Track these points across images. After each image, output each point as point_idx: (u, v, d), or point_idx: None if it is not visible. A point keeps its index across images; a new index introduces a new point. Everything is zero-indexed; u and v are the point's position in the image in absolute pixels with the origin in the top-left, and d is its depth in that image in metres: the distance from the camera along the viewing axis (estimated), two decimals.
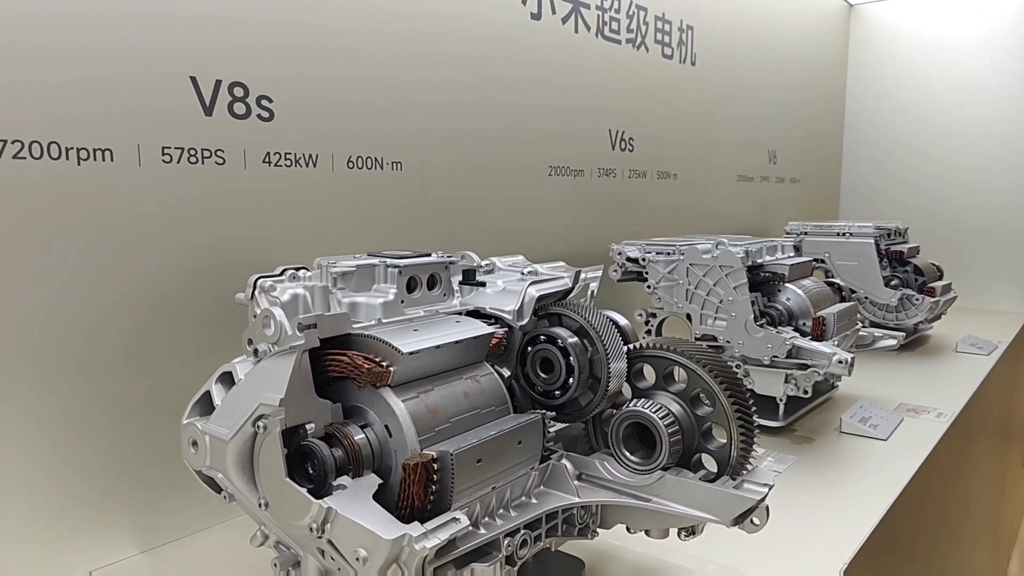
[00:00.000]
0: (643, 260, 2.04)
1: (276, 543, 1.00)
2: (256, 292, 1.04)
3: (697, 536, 1.13)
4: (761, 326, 1.88)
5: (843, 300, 2.20)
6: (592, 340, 1.15)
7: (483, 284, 1.23)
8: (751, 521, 1.04)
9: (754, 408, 1.11)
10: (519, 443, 1.03)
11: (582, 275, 1.27)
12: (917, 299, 2.87)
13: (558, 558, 1.20)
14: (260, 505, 0.94)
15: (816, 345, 1.82)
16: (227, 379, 1.00)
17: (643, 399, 1.12)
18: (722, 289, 1.92)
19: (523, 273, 1.27)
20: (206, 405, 1.00)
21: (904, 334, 2.36)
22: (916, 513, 1.72)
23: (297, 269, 1.10)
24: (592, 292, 1.32)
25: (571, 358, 1.13)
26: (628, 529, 1.15)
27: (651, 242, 2.07)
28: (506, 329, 1.17)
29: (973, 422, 2.34)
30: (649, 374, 1.19)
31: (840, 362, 1.77)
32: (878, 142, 4.40)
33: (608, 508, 1.14)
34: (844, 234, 2.93)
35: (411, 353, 0.96)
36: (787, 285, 1.99)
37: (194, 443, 0.99)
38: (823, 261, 2.91)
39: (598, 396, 1.14)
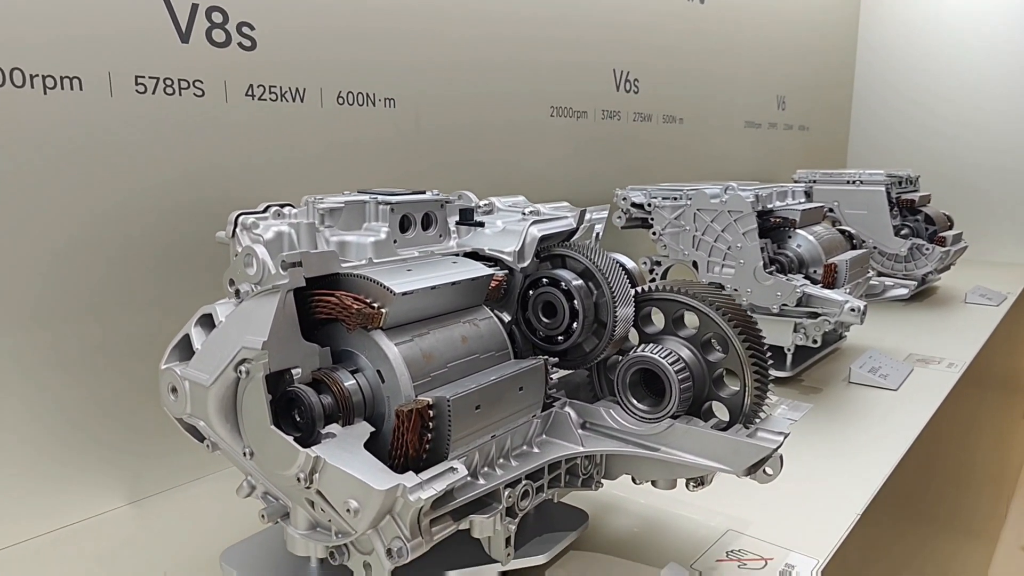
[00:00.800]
0: (648, 206, 1.96)
1: (264, 494, 0.95)
2: (237, 230, 0.97)
3: (706, 487, 1.08)
4: (770, 273, 1.81)
5: (854, 248, 2.13)
6: (598, 283, 1.08)
7: (481, 224, 1.15)
8: (764, 471, 0.99)
9: (769, 354, 1.05)
10: (520, 389, 0.97)
11: (587, 215, 1.20)
12: (927, 249, 2.79)
13: (560, 510, 1.16)
14: (245, 454, 0.89)
15: (827, 293, 1.76)
16: (207, 322, 0.93)
17: (651, 344, 1.06)
18: (730, 235, 1.85)
19: (524, 213, 1.20)
20: (186, 349, 0.94)
21: (915, 284, 2.29)
22: (927, 463, 1.68)
23: (282, 206, 1.02)
24: (597, 234, 1.25)
25: (575, 302, 1.06)
26: (633, 480, 1.10)
27: (657, 187, 1.99)
28: (506, 271, 1.10)
29: (982, 373, 2.30)
30: (657, 319, 1.13)
31: (852, 310, 1.70)
32: (889, 89, 4.27)
33: (613, 458, 1.09)
34: (854, 182, 2.84)
35: (404, 294, 0.89)
36: (798, 231, 1.92)
37: (173, 389, 0.93)
38: (831, 211, 2.82)
39: (603, 342, 1.08)
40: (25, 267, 1.14)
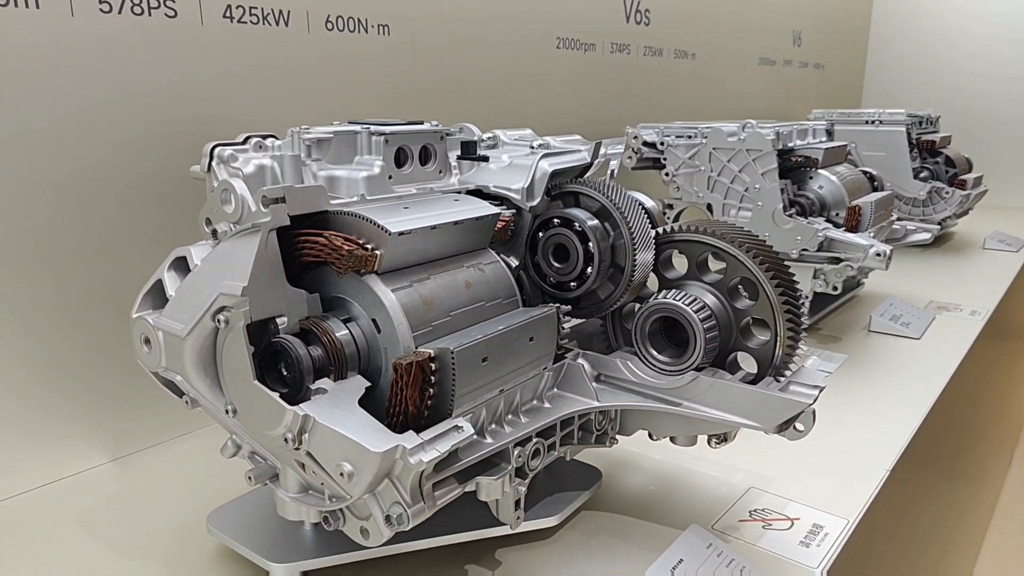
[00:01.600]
0: (661, 144, 1.84)
1: (250, 453, 0.87)
2: (214, 163, 0.87)
3: (729, 443, 1.00)
4: (790, 216, 1.70)
5: (875, 190, 2.02)
6: (615, 223, 0.98)
7: (486, 159, 1.05)
8: (795, 427, 0.91)
9: (803, 300, 0.96)
10: (530, 340, 0.88)
11: (602, 148, 1.09)
12: (947, 192, 2.68)
13: (572, 468, 1.08)
14: (227, 412, 0.80)
15: (851, 237, 1.66)
16: (181, 265, 0.84)
17: (673, 290, 0.96)
18: (748, 176, 1.74)
19: (532, 147, 1.09)
20: (159, 296, 0.85)
21: (938, 228, 2.19)
22: (951, 415, 1.61)
23: (264, 137, 0.91)
24: (613, 170, 1.14)
25: (590, 244, 0.96)
26: (650, 436, 1.02)
27: (670, 125, 1.87)
28: (513, 211, 1.00)
29: (1002, 321, 2.22)
30: (679, 263, 1.03)
31: (878, 255, 1.61)
32: (907, 23, 4.08)
33: (629, 413, 1.01)
34: (873, 122, 2.71)
35: (401, 234, 0.79)
36: (820, 171, 1.80)
37: (146, 340, 0.84)
38: (849, 153, 2.70)
39: (620, 288, 0.99)
40: None
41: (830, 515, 1.03)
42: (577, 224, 0.97)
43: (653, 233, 1.00)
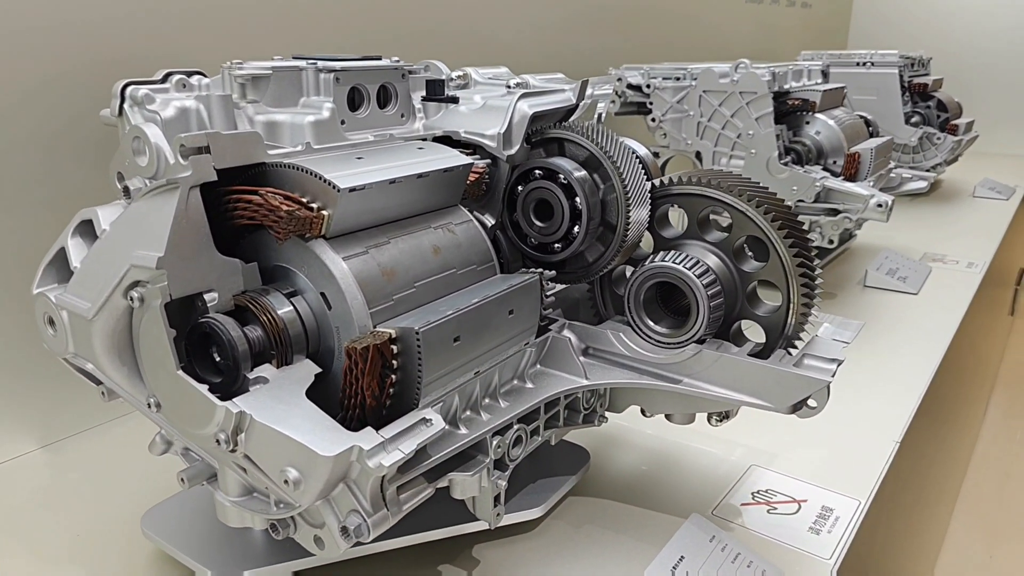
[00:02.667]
0: (648, 87, 1.70)
1: (184, 450, 0.74)
2: (125, 105, 0.72)
3: (731, 420, 0.90)
4: (786, 164, 1.59)
5: (872, 135, 1.90)
6: (606, 175, 0.85)
7: (455, 100, 0.91)
8: (807, 404, 0.80)
9: (818, 261, 0.84)
10: (510, 313, 0.76)
11: (588, 88, 0.95)
12: (939, 138, 2.58)
13: (556, 449, 0.97)
14: (150, 406, 0.67)
15: (850, 186, 1.55)
16: (88, 230, 0.69)
17: (672, 252, 0.84)
18: (741, 121, 1.61)
19: (509, 86, 0.95)
20: (63, 268, 0.71)
21: (934, 176, 2.10)
22: (953, 373, 1.53)
23: (189, 74, 0.76)
24: (600, 114, 1.01)
25: (577, 199, 0.84)
26: (643, 412, 0.92)
27: (657, 66, 1.72)
28: (488, 161, 0.86)
29: (996, 272, 2.14)
30: (677, 219, 0.91)
31: (879, 206, 1.50)
32: None
33: (621, 388, 0.90)
34: (865, 64, 2.58)
35: (352, 190, 0.66)
36: (817, 116, 1.68)
37: (50, 321, 0.70)
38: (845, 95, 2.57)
39: (611, 249, 0.86)
40: None
41: (839, 495, 0.94)
42: (562, 176, 0.84)
43: (648, 186, 0.88)
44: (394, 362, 0.65)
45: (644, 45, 2.26)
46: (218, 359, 0.65)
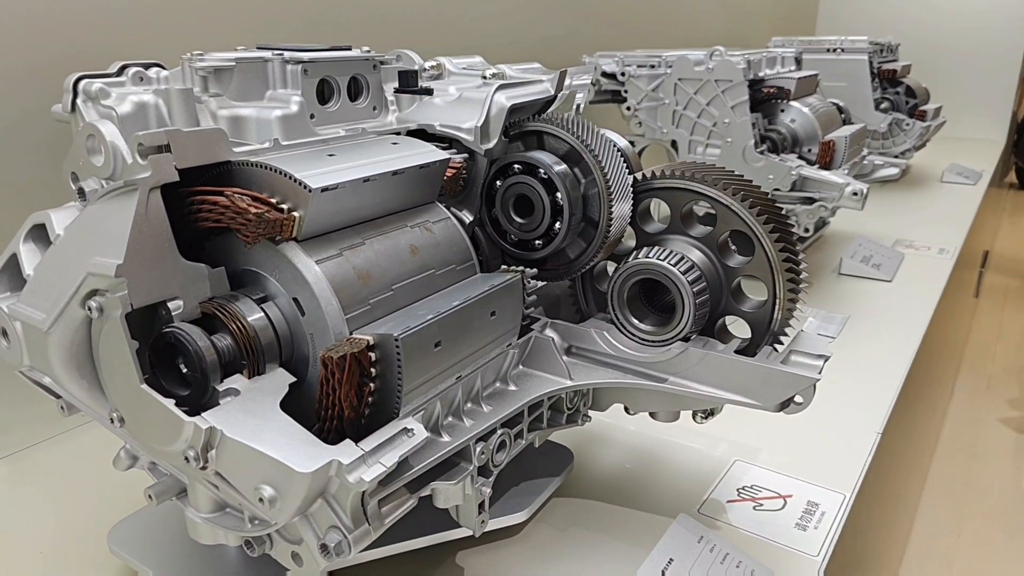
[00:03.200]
0: (622, 75, 1.68)
1: (151, 464, 0.71)
2: (79, 101, 0.67)
3: (715, 417, 0.89)
4: (762, 153, 1.58)
5: (845, 122, 1.90)
6: (586, 169, 0.82)
7: (430, 92, 0.87)
8: (794, 400, 0.79)
9: (803, 255, 0.83)
10: (492, 314, 0.73)
11: (567, 80, 0.92)
12: (908, 124, 2.59)
13: (540, 450, 0.95)
14: (113, 421, 0.64)
15: (826, 175, 1.54)
16: (41, 235, 0.65)
17: (655, 248, 0.82)
18: (717, 109, 1.59)
19: (485, 77, 0.91)
20: (16, 276, 0.66)
21: (905, 162, 2.11)
22: (928, 360, 1.54)
23: (147, 66, 0.72)
24: (579, 105, 0.98)
25: (558, 194, 0.81)
26: (627, 410, 0.90)
27: (631, 54, 1.70)
28: (465, 155, 0.83)
29: (967, 257, 2.17)
30: (659, 213, 0.89)
31: (855, 194, 1.50)
32: None
33: (591, 387, 0.88)
34: (835, 50, 2.58)
35: (325, 190, 0.62)
36: (792, 104, 1.67)
37: (3, 332, 0.66)
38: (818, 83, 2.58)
39: (594, 246, 0.84)
40: None
41: (824, 489, 0.94)
42: (543, 171, 0.81)
43: (631, 180, 0.85)
44: (372, 370, 0.62)
45: (615, 32, 2.24)
46: (185, 371, 0.62)
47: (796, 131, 1.66)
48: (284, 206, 0.63)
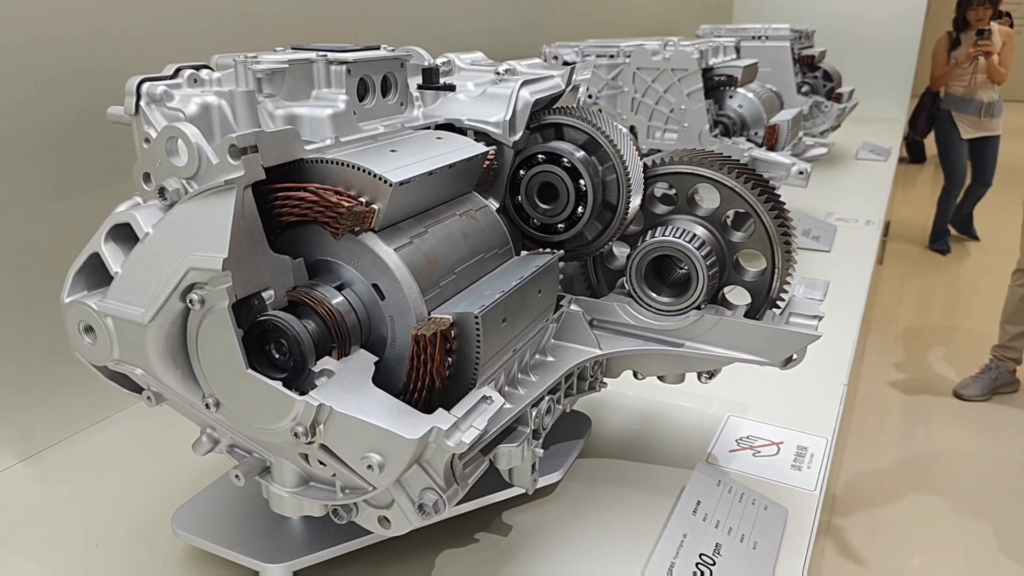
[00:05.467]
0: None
1: (230, 447, 0.74)
2: (142, 103, 0.70)
3: (715, 377, 0.99)
4: (716, 136, 1.70)
5: (782, 107, 2.06)
6: (604, 156, 0.91)
7: (452, 88, 0.93)
8: (792, 357, 0.91)
9: (794, 229, 0.94)
10: (539, 292, 0.81)
11: (575, 75, 1.00)
12: (826, 106, 2.80)
13: (560, 418, 1.03)
14: (208, 406, 0.67)
15: (774, 156, 1.68)
16: (124, 234, 0.68)
17: (669, 227, 0.91)
18: (673, 96, 1.71)
19: (499, 73, 0.98)
20: (96, 274, 0.69)
21: (833, 142, 2.30)
22: (870, 312, 1.71)
23: (197, 68, 0.75)
24: (580, 99, 1.06)
25: (581, 182, 0.89)
26: (636, 375, 0.99)
27: (589, 44, 1.79)
28: (494, 148, 0.90)
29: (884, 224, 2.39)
30: (665, 196, 0.98)
31: (800, 173, 1.65)
32: None
33: (616, 355, 0.97)
34: (760, 37, 2.75)
35: (402, 183, 0.68)
36: (739, 90, 1.80)
37: (88, 329, 0.68)
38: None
39: (612, 228, 0.93)
40: None
41: (809, 435, 1.06)
42: (566, 160, 0.89)
43: (642, 166, 0.94)
44: (453, 345, 0.69)
45: (552, 23, 2.32)
46: (277, 355, 0.66)
47: (744, 116, 1.80)
48: (363, 199, 0.68)
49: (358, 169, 0.68)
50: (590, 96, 1.77)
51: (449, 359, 0.69)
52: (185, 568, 0.82)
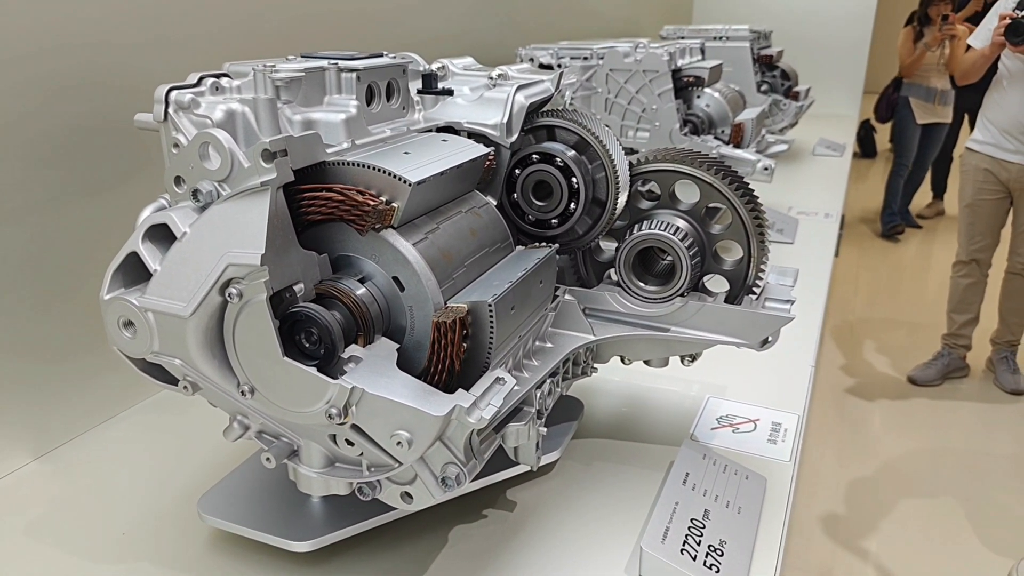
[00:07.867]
0: (558, 66, 1.83)
1: (259, 433, 0.79)
2: (171, 110, 0.74)
3: (697, 360, 1.07)
4: (686, 135, 1.79)
5: (746, 105, 2.16)
6: (593, 155, 0.98)
7: (451, 92, 0.99)
8: (768, 339, 0.99)
9: (769, 221, 1.02)
10: (540, 282, 0.87)
11: (564, 78, 1.07)
12: (784, 104, 2.93)
13: (557, 403, 1.10)
14: (243, 393, 0.72)
15: (741, 153, 1.78)
16: (162, 234, 0.72)
17: (654, 220, 0.99)
18: (645, 97, 1.79)
19: (491, 77, 1.04)
20: (134, 271, 0.73)
21: (792, 139, 2.41)
22: (834, 294, 1.82)
23: (218, 76, 0.80)
24: (566, 101, 1.13)
25: (574, 179, 0.96)
26: (623, 360, 1.07)
27: (563, 46, 1.86)
28: (493, 149, 0.96)
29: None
30: (648, 192, 1.05)
31: (766, 169, 1.74)
32: None
33: (604, 342, 1.04)
34: (720, 38, 2.86)
35: (420, 183, 0.74)
36: (706, 90, 1.89)
37: (128, 324, 0.72)
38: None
39: (601, 223, 1.00)
40: None
41: (783, 412, 1.15)
42: (559, 159, 0.95)
43: (627, 164, 1.01)
44: (468, 331, 0.75)
45: (525, 25, 2.38)
46: (307, 344, 0.72)
47: (711, 115, 1.89)
48: (383, 198, 0.74)
49: (377, 170, 0.74)
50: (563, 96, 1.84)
51: (464, 344, 0.75)
52: (213, 551, 0.86)
